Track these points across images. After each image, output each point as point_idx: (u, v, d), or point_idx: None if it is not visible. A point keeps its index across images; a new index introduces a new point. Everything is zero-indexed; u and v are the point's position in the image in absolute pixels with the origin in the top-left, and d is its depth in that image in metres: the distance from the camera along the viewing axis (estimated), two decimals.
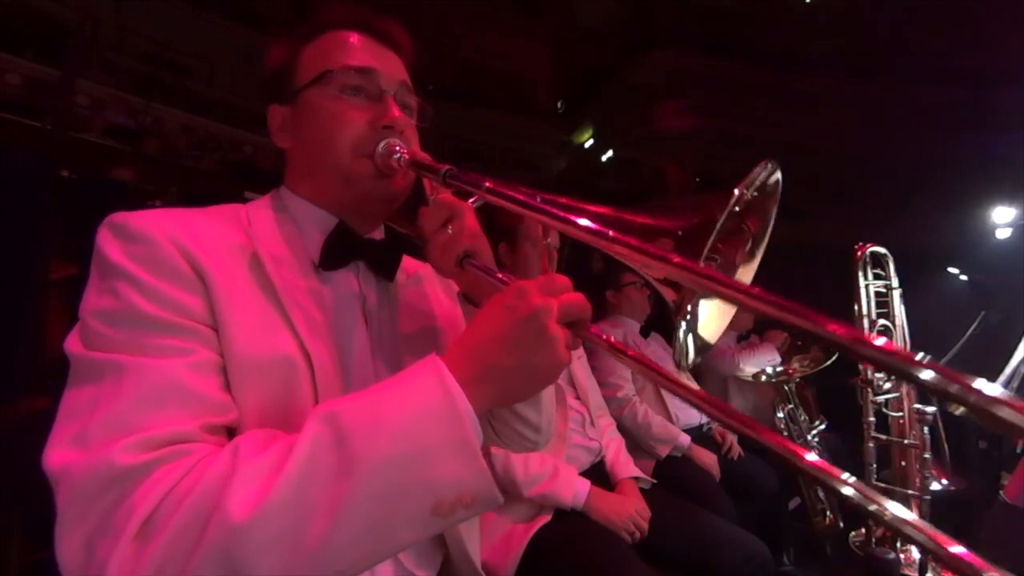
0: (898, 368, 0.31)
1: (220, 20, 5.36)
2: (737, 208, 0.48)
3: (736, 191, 0.47)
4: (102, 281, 0.54)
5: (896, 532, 0.31)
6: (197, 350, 0.52)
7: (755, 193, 0.51)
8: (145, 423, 0.46)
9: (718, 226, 0.46)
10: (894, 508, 0.32)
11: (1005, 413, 0.27)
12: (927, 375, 0.29)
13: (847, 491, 0.34)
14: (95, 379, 0.49)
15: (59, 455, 0.46)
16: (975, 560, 0.28)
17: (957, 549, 0.28)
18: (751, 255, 0.57)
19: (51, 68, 4.30)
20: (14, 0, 4.33)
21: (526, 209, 0.55)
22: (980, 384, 0.27)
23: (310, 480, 0.43)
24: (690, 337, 0.53)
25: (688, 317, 0.52)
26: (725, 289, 0.40)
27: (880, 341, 0.31)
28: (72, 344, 0.52)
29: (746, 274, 0.58)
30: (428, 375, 0.48)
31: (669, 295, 0.49)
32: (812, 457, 0.36)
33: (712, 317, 0.55)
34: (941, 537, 0.29)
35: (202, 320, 0.54)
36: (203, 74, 5.46)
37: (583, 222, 0.50)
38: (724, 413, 0.42)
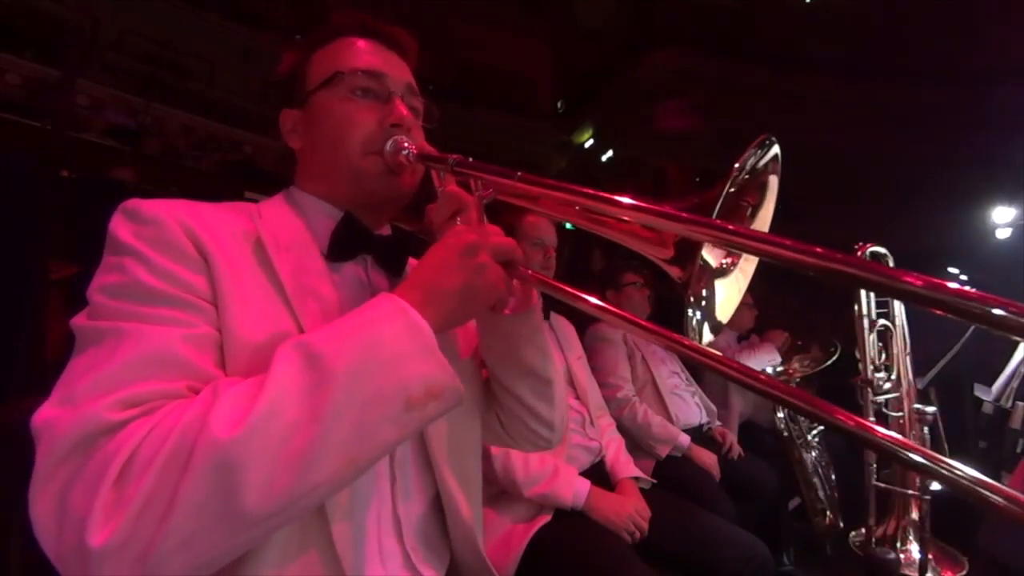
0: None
1: (220, 20, 5.36)
2: (733, 190, 0.49)
3: (736, 164, 0.49)
4: (111, 259, 0.56)
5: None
6: (197, 324, 0.53)
7: (755, 169, 0.53)
8: (132, 384, 0.47)
9: (721, 198, 0.47)
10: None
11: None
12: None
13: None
14: (94, 344, 0.50)
15: (44, 412, 0.46)
16: None
17: None
18: (754, 217, 0.58)
19: (51, 68, 4.30)
20: (14, 0, 4.33)
21: (537, 187, 0.57)
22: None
23: (290, 396, 0.46)
24: (701, 315, 0.54)
25: (701, 297, 0.53)
26: (740, 239, 0.39)
27: None
28: (78, 319, 0.53)
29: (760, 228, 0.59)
30: (384, 303, 0.53)
31: (675, 273, 0.49)
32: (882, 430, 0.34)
33: (725, 296, 0.56)
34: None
35: (204, 297, 0.55)
36: (203, 74, 5.46)
37: (591, 198, 0.51)
38: (746, 375, 0.41)
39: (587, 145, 7.73)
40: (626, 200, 0.49)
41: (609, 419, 1.79)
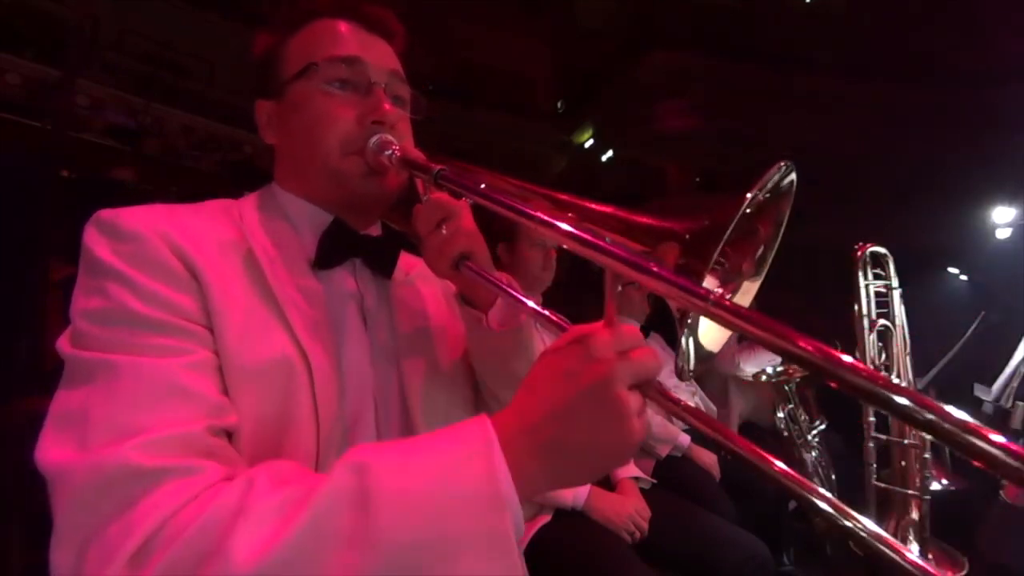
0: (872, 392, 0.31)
1: (220, 20, 5.35)
2: (748, 211, 0.44)
3: (749, 195, 0.43)
4: (91, 281, 0.52)
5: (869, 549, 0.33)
6: (194, 350, 0.50)
7: (768, 195, 0.48)
8: (148, 423, 0.44)
9: (728, 232, 0.42)
10: (869, 524, 0.34)
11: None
12: (902, 400, 0.29)
13: (823, 505, 0.37)
14: (87, 380, 0.47)
15: (56, 453, 0.44)
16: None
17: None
18: (760, 264, 0.54)
19: (51, 68, 4.30)
20: (14, 0, 4.33)
21: (519, 216, 0.52)
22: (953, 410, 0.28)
23: (323, 538, 0.38)
24: (692, 345, 0.50)
25: (690, 324, 0.50)
26: (724, 314, 0.37)
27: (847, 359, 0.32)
28: (63, 344, 0.51)
29: (751, 286, 0.55)
30: (476, 442, 0.42)
31: (673, 303, 0.46)
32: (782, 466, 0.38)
33: (714, 326, 0.52)
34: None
35: (197, 320, 0.52)
36: (203, 74, 5.45)
37: (575, 231, 0.47)
38: (718, 433, 0.42)
39: (587, 145, 7.73)
40: (605, 245, 0.45)
41: None
